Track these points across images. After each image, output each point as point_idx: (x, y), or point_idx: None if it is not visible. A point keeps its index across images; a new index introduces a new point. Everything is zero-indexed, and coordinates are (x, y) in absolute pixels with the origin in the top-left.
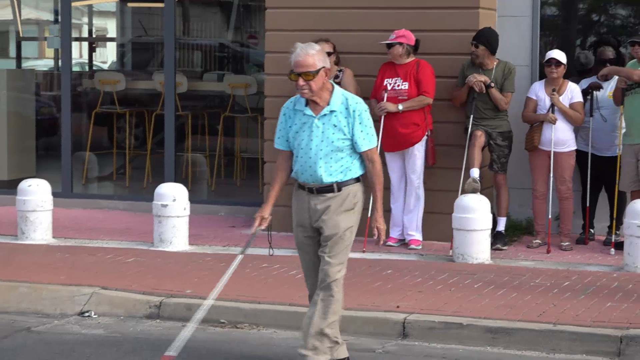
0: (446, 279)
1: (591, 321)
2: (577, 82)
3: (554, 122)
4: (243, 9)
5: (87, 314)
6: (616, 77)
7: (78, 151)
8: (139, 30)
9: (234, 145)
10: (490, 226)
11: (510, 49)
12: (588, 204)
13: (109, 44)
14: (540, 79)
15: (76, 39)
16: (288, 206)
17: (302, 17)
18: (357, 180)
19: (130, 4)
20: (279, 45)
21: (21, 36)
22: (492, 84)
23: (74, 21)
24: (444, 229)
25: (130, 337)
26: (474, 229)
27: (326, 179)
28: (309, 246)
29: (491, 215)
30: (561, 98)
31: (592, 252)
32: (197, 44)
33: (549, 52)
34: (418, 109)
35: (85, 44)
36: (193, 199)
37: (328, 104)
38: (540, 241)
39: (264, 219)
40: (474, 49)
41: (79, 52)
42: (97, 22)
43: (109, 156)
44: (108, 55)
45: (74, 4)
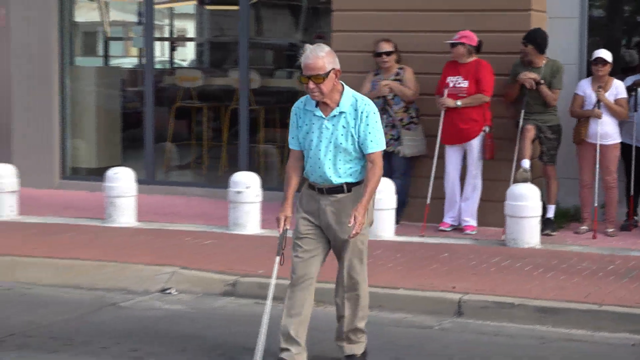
0: (499, 262)
1: (634, 302)
2: (622, 79)
3: (600, 116)
4: (311, 11)
5: (168, 291)
6: None
7: (160, 142)
8: (216, 31)
9: None
10: (540, 213)
11: (559, 48)
12: (632, 193)
13: (188, 43)
14: (588, 76)
15: (158, 39)
16: None
17: (366, 18)
18: None
19: (207, 7)
20: (344, 45)
21: (108, 36)
22: (542, 81)
23: (156, 22)
24: (497, 215)
25: (207, 312)
26: (525, 215)
27: (335, 180)
28: (305, 241)
29: (541, 203)
30: (607, 94)
31: (636, 238)
32: (269, 43)
33: (596, 52)
34: (477, 106)
35: (167, 44)
36: (265, 186)
37: (338, 105)
38: (586, 227)
39: (287, 217)
40: (524, 47)
41: (160, 51)
42: (178, 23)
43: (187, 147)
44: (187, 53)
45: (156, 6)
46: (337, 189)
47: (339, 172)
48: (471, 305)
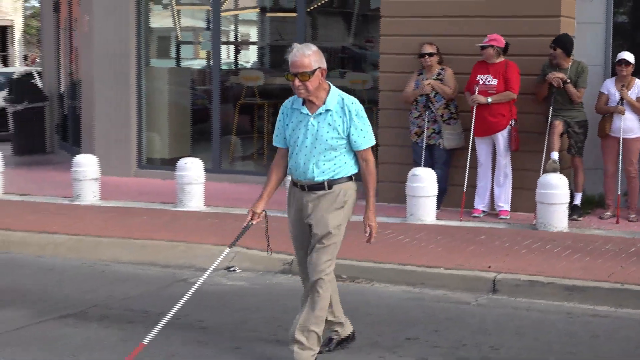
0: (530, 244)
1: None
2: None
3: (622, 113)
4: (361, 18)
5: (232, 269)
6: None
7: (225, 135)
8: (276, 36)
9: None
10: (568, 200)
11: (586, 50)
12: None
13: (251, 46)
14: (612, 76)
15: (224, 43)
16: (398, 181)
17: (411, 24)
18: (349, 178)
19: (268, 14)
20: (391, 48)
21: (180, 40)
22: (568, 80)
23: (223, 28)
24: (528, 202)
25: (267, 288)
26: (554, 202)
27: (317, 177)
28: (301, 241)
29: (569, 191)
30: (629, 93)
31: None
32: (323, 46)
33: (620, 54)
34: (504, 102)
35: (232, 47)
36: None
37: (324, 103)
38: (610, 213)
39: (255, 213)
40: (552, 50)
41: (226, 54)
42: (242, 28)
43: (250, 139)
44: (250, 56)
45: (223, 14)
46: (318, 186)
47: (322, 168)
48: (505, 283)
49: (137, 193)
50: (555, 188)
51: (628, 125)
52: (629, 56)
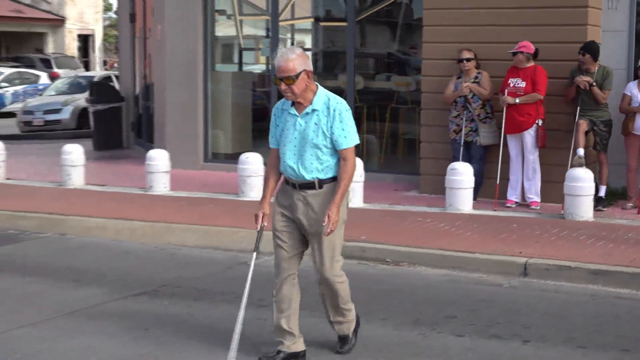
0: (558, 232)
1: None
2: None
3: None
4: (405, 26)
5: None
6: None
7: None
8: (328, 43)
9: (397, 129)
10: (593, 192)
11: (611, 56)
12: None
13: (305, 52)
14: (635, 79)
15: None
16: (438, 175)
17: (451, 32)
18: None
19: (321, 23)
20: (433, 54)
21: (242, 47)
22: (594, 83)
23: (280, 36)
24: (556, 194)
25: None
26: (580, 194)
27: (306, 176)
28: (284, 235)
29: (594, 184)
30: None
31: None
32: (371, 52)
33: None
34: (531, 103)
35: None
36: (366, 169)
37: (311, 104)
38: (632, 204)
39: (265, 214)
40: (582, 56)
41: None
42: (297, 36)
43: None
44: None
45: (280, 23)
46: (308, 184)
47: (310, 167)
48: (535, 267)
49: (203, 184)
50: (582, 181)
51: None
52: None
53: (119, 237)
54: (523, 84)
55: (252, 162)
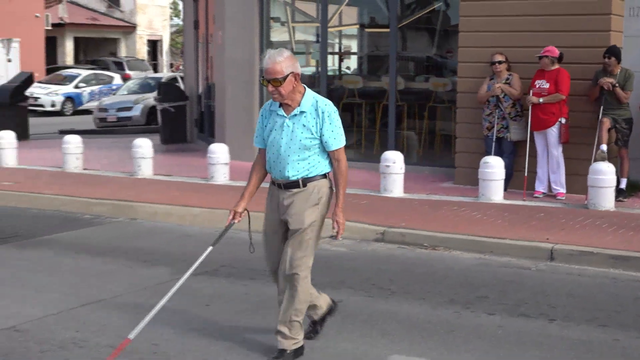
0: (582, 220)
1: None
2: None
3: None
4: (443, 32)
5: (334, 238)
6: None
7: None
8: (372, 47)
9: (435, 126)
10: (615, 184)
11: (633, 59)
12: None
13: (352, 56)
14: None
15: (330, 53)
16: (471, 167)
17: (484, 37)
18: (323, 176)
19: (366, 29)
20: (468, 57)
21: (294, 51)
22: (617, 85)
23: (329, 41)
24: (580, 185)
25: (363, 254)
26: (603, 186)
27: (292, 176)
28: (274, 237)
29: (615, 177)
30: None
31: None
32: (411, 56)
33: None
34: (554, 102)
35: (336, 57)
36: (406, 162)
37: (299, 105)
38: None
39: (237, 213)
40: (607, 60)
41: (332, 62)
42: (344, 41)
43: (350, 132)
44: (351, 64)
45: (329, 29)
46: (293, 184)
47: (297, 167)
48: (561, 252)
49: None
50: (604, 174)
51: None
52: None
53: (182, 222)
54: (547, 85)
55: None
